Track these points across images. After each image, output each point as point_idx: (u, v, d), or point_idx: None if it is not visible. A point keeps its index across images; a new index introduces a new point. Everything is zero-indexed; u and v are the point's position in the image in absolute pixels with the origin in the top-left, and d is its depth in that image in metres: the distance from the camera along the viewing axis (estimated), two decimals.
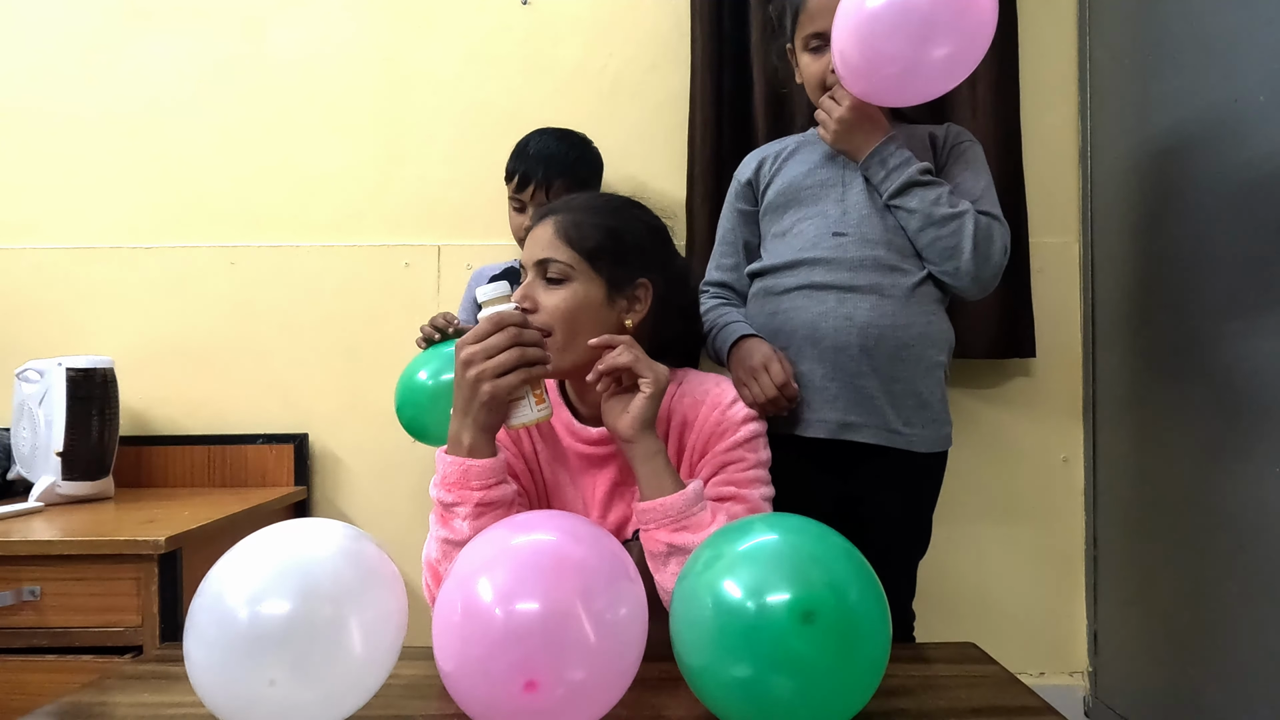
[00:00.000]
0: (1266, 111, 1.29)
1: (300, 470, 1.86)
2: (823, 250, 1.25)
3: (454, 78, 1.90)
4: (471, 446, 0.92)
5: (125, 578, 1.33)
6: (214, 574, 0.71)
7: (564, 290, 1.00)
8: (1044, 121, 1.85)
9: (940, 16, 1.08)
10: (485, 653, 0.65)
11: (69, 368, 1.65)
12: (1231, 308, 1.37)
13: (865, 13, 1.11)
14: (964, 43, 1.11)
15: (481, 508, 0.91)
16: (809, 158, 1.34)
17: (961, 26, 1.10)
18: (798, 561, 0.70)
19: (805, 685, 0.67)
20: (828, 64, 1.22)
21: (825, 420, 1.23)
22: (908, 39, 1.09)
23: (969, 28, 1.11)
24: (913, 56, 1.10)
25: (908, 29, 1.09)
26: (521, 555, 0.69)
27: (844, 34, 1.15)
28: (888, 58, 1.11)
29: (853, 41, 1.13)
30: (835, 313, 1.22)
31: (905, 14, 1.08)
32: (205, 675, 0.68)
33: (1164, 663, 1.59)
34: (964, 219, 1.19)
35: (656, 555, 0.93)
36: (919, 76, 1.14)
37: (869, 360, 1.21)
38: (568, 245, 1.01)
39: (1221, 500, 1.40)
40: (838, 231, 1.25)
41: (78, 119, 1.90)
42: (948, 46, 1.11)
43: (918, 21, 1.08)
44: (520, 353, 0.90)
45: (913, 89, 1.17)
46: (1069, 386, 1.87)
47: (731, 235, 1.43)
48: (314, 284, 1.89)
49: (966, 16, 1.10)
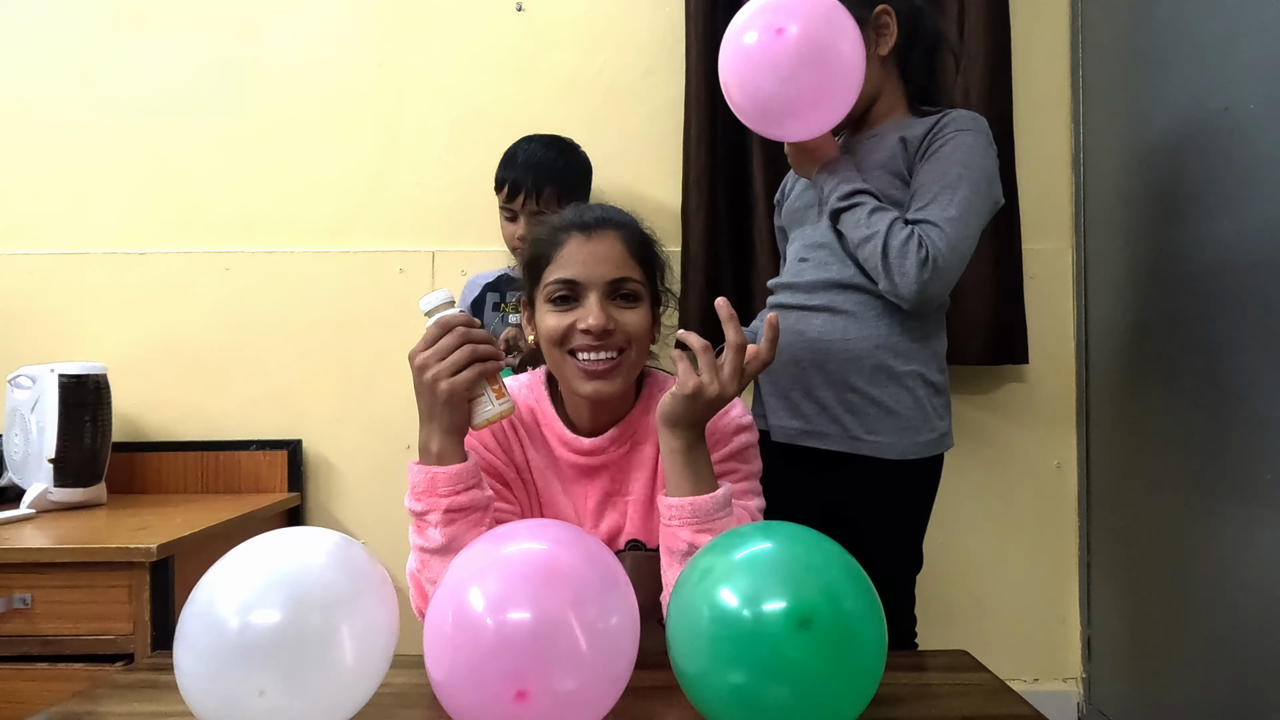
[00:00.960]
0: (1258, 118, 1.30)
1: (294, 476, 1.86)
2: (791, 275, 1.34)
3: (449, 84, 1.90)
4: (440, 453, 0.92)
5: (117, 585, 1.32)
6: (204, 583, 0.71)
7: (640, 310, 1.01)
8: (1037, 129, 1.86)
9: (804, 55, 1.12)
10: (476, 662, 0.65)
11: (61, 374, 1.64)
12: (1224, 314, 1.38)
13: (739, 51, 1.16)
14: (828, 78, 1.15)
15: (451, 514, 0.91)
16: (802, 179, 1.38)
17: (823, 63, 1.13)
18: (794, 569, 0.70)
19: (801, 692, 0.67)
20: None
21: (787, 427, 1.29)
22: (775, 77, 1.13)
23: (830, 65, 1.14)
24: (781, 94, 1.14)
25: (773, 68, 1.12)
26: (513, 564, 0.69)
27: (724, 72, 1.20)
28: (765, 95, 1.15)
29: (731, 80, 1.19)
30: (793, 329, 1.29)
31: (768, 54, 1.12)
32: (195, 685, 0.67)
33: (1157, 669, 1.59)
34: (874, 239, 1.19)
35: (675, 552, 0.92)
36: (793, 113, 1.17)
37: (821, 373, 1.26)
38: (637, 263, 1.01)
39: (1215, 506, 1.40)
40: (803, 257, 1.32)
41: (71, 123, 1.90)
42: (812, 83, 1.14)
43: (781, 61, 1.12)
44: (472, 349, 0.90)
45: (792, 125, 1.21)
46: (1062, 393, 1.88)
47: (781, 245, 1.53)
48: (308, 290, 1.89)
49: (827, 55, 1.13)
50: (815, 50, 1.11)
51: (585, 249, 0.99)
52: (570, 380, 1.00)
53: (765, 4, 1.15)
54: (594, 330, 0.96)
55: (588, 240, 1.00)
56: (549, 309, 1.00)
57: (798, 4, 1.13)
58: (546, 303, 1.00)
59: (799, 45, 1.11)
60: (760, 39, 1.13)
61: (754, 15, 1.15)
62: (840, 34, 1.13)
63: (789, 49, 1.11)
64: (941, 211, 1.18)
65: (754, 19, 1.15)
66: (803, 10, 1.12)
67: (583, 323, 0.97)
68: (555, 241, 1.01)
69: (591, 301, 0.97)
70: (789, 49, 1.11)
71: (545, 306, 1.00)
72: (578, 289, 0.99)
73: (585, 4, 1.89)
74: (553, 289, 0.99)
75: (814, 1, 1.14)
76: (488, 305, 1.64)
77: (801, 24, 1.11)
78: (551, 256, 1.01)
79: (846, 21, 1.15)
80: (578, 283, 0.98)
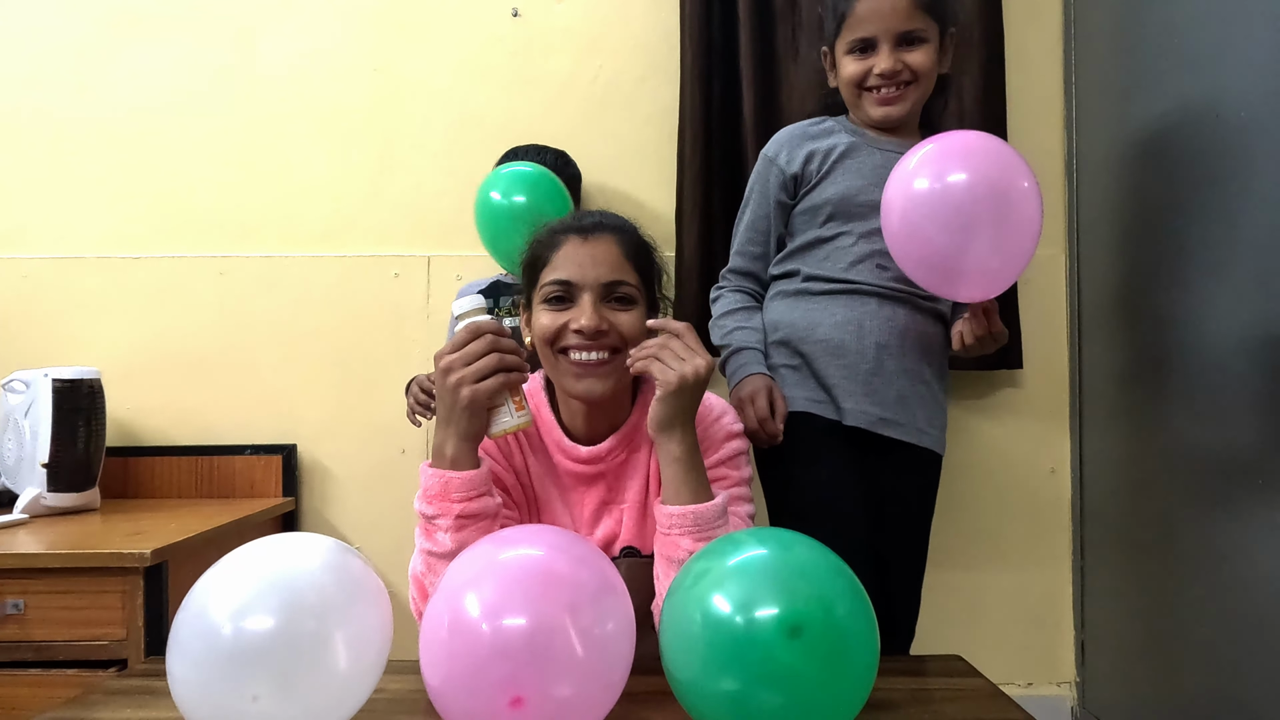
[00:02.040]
0: (1248, 125, 1.31)
1: (288, 481, 1.85)
2: (866, 275, 1.32)
3: (444, 89, 1.90)
4: (454, 458, 0.92)
5: (110, 591, 1.32)
6: (198, 589, 0.71)
7: (635, 313, 1.01)
8: (1030, 135, 1.87)
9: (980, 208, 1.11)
10: (472, 668, 0.65)
11: (55, 378, 1.64)
12: (1216, 319, 1.38)
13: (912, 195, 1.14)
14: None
15: (462, 520, 0.91)
16: (863, 167, 1.34)
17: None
18: (786, 576, 0.71)
19: (793, 699, 0.67)
20: (869, 67, 1.30)
21: (868, 412, 1.30)
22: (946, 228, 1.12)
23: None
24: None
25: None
26: (509, 570, 0.69)
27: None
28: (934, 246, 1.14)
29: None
30: (877, 314, 1.30)
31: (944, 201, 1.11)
32: (188, 692, 0.67)
33: (1151, 673, 1.59)
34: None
35: (674, 560, 0.92)
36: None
37: (903, 360, 1.30)
38: (633, 268, 1.02)
39: (1208, 510, 1.41)
40: (881, 264, 1.31)
41: (66, 127, 1.90)
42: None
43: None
44: (498, 358, 0.91)
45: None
46: (1056, 397, 1.88)
47: (764, 224, 1.41)
48: (303, 294, 1.89)
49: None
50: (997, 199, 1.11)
51: (581, 251, 1.00)
52: (563, 380, 1.01)
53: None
54: (586, 330, 0.97)
55: (584, 242, 1.01)
56: (544, 309, 1.01)
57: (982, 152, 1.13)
58: (542, 303, 1.01)
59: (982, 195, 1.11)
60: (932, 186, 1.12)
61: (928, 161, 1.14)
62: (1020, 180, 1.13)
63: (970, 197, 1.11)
64: None
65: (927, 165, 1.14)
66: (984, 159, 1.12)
67: (575, 323, 0.98)
68: (552, 244, 1.02)
69: (585, 302, 0.98)
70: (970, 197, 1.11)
71: (541, 307, 1.01)
72: (572, 290, 0.99)
73: (580, 10, 1.90)
74: (548, 290, 1.00)
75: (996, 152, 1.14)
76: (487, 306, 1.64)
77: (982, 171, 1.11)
78: (548, 258, 1.02)
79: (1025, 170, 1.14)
80: (572, 284, 0.99)
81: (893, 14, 1.27)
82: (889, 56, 1.28)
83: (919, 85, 1.30)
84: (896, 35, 1.27)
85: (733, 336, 1.36)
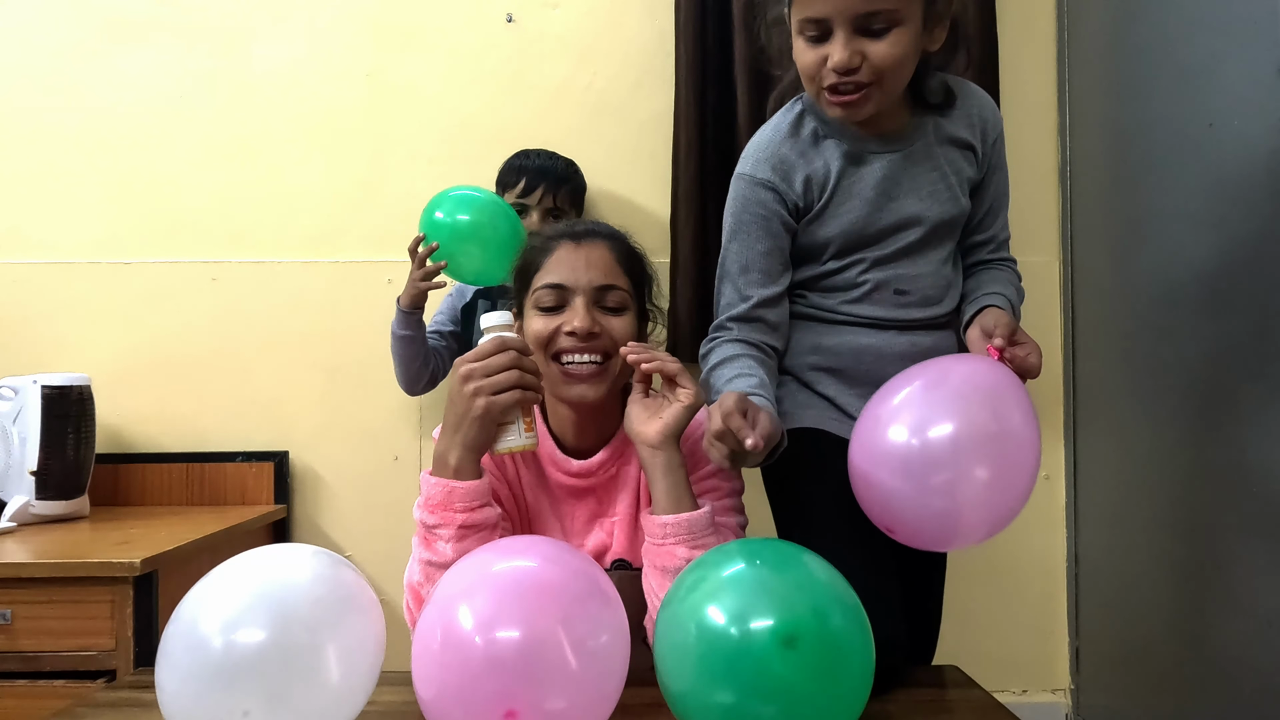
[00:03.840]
0: (1240, 135, 1.31)
1: (280, 488, 1.84)
2: (883, 308, 1.12)
3: (438, 94, 1.90)
4: (458, 467, 0.91)
5: (99, 600, 1.30)
6: (188, 601, 0.70)
7: (626, 319, 1.02)
8: (1024, 143, 1.88)
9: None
10: (465, 681, 0.64)
11: (44, 385, 1.62)
12: (1209, 326, 1.39)
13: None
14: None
15: (465, 530, 0.90)
16: (864, 189, 1.08)
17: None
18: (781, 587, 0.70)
19: (788, 711, 0.67)
20: (823, 57, 0.99)
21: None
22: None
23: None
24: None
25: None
26: (502, 582, 0.69)
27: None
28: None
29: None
30: (896, 341, 1.12)
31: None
32: (177, 706, 0.66)
33: (1145, 680, 1.59)
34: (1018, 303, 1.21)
35: (669, 570, 0.92)
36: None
37: None
38: (625, 273, 1.03)
39: (1202, 517, 1.41)
40: (900, 289, 1.11)
41: (57, 131, 1.89)
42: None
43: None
44: (519, 375, 0.91)
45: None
46: (1050, 405, 1.88)
47: (777, 258, 1.09)
48: (296, 300, 1.88)
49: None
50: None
51: (574, 255, 1.02)
52: (554, 385, 1.01)
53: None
54: (579, 332, 0.97)
55: (577, 247, 1.02)
56: (536, 314, 1.01)
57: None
58: (534, 309, 1.02)
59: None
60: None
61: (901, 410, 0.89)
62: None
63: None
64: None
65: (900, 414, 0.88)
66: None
67: (568, 325, 0.98)
68: (545, 249, 1.04)
69: (578, 305, 0.99)
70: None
71: (533, 312, 1.02)
72: (565, 294, 1.00)
73: (575, 16, 1.89)
74: (541, 295, 1.01)
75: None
76: (479, 311, 1.64)
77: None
78: (540, 264, 1.03)
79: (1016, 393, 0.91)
80: (565, 287, 1.00)
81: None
82: (844, 46, 0.96)
83: (883, 86, 1.00)
84: (854, 17, 0.96)
85: (735, 384, 1.02)
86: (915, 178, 1.10)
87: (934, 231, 1.12)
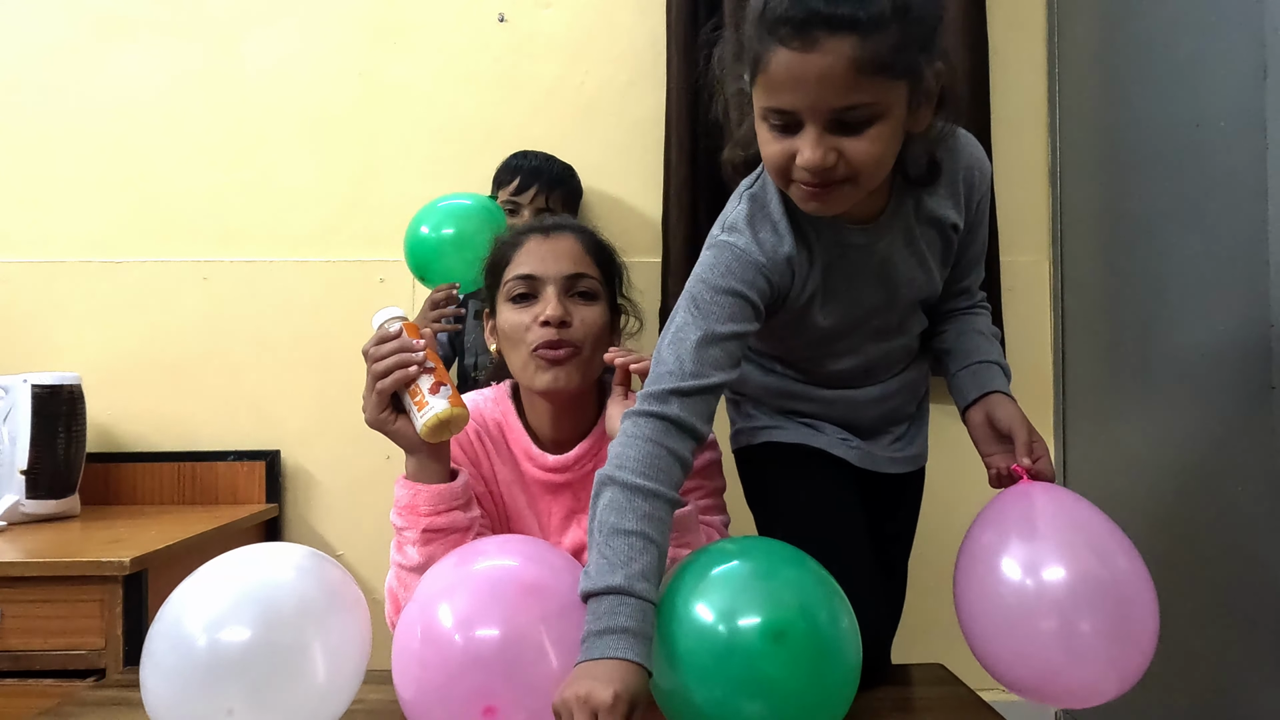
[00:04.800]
0: (1227, 135, 1.32)
1: (272, 487, 1.84)
2: (852, 376, 1.11)
3: (430, 94, 1.90)
4: (414, 471, 0.93)
5: (89, 599, 1.30)
6: (173, 600, 0.70)
7: (597, 308, 1.03)
8: (1014, 143, 1.88)
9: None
10: (444, 679, 0.65)
11: (35, 384, 1.62)
12: (1197, 324, 1.40)
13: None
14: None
15: (429, 534, 0.91)
16: (854, 276, 0.99)
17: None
18: (769, 584, 0.71)
19: (776, 707, 0.67)
20: (792, 152, 0.83)
21: (852, 451, 1.14)
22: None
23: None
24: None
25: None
26: (482, 580, 0.69)
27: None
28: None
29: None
30: (870, 390, 1.12)
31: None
32: (161, 704, 0.67)
33: None
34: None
35: None
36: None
37: (895, 413, 1.18)
38: (595, 263, 1.05)
39: (1191, 515, 1.42)
40: (869, 369, 1.10)
41: (48, 130, 1.88)
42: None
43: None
44: (400, 357, 0.89)
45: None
46: (1039, 403, 1.89)
47: (734, 345, 0.90)
48: (287, 299, 1.88)
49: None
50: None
51: (543, 246, 1.03)
52: (530, 376, 1.01)
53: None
54: (552, 320, 0.98)
55: (545, 239, 1.04)
56: (509, 307, 1.02)
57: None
58: (507, 301, 1.03)
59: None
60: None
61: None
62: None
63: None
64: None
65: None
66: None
67: (541, 316, 0.99)
68: (515, 244, 1.05)
69: (549, 294, 1.00)
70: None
71: (505, 306, 1.03)
72: (536, 284, 1.01)
73: (567, 15, 1.90)
74: (512, 286, 1.02)
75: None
76: (469, 312, 1.64)
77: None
78: (510, 257, 1.04)
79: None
80: (536, 277, 1.01)
81: (820, 84, 0.78)
82: (815, 144, 0.81)
83: (858, 183, 0.85)
84: (828, 113, 0.80)
85: (614, 576, 0.72)
86: (894, 267, 1.00)
87: (907, 315, 1.08)
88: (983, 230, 1.10)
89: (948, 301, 1.15)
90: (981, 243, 1.13)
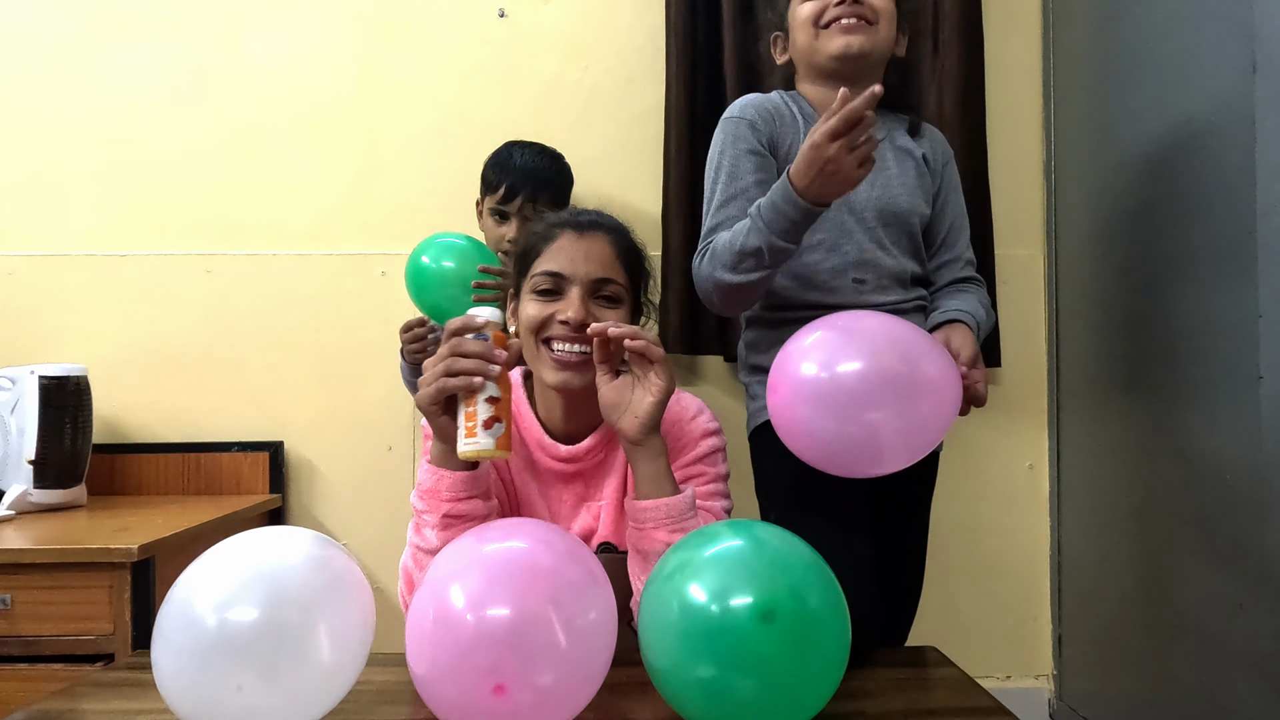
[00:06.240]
0: (1217, 130, 1.34)
1: (275, 478, 1.86)
2: (841, 295, 1.20)
3: (431, 89, 1.91)
4: (438, 457, 0.94)
5: (97, 586, 1.32)
6: (182, 581, 0.72)
7: (619, 312, 1.03)
8: (1009, 138, 1.90)
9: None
10: (456, 657, 0.66)
11: (41, 375, 1.64)
12: (1190, 319, 1.41)
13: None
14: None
15: (449, 519, 0.92)
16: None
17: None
18: (760, 565, 0.73)
19: (766, 685, 0.69)
20: (822, 5, 1.19)
21: None
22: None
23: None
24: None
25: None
26: (493, 562, 0.71)
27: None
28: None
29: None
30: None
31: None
32: (173, 682, 0.69)
33: (1127, 666, 1.62)
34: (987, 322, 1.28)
35: (650, 554, 0.93)
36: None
37: None
38: (624, 268, 1.04)
39: (1184, 506, 1.44)
40: (858, 278, 1.20)
41: (52, 125, 1.90)
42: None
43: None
44: (446, 364, 0.87)
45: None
46: (1034, 395, 1.91)
47: (756, 192, 1.17)
48: (290, 292, 1.90)
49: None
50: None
51: (575, 245, 1.02)
52: (541, 370, 1.02)
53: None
54: (571, 323, 0.98)
55: (579, 238, 1.03)
56: (532, 299, 1.02)
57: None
58: (531, 293, 1.03)
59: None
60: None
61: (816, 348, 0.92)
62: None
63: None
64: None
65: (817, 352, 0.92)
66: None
67: (562, 314, 0.99)
68: (548, 236, 1.05)
69: (574, 295, 1.00)
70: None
71: (529, 297, 1.03)
72: (562, 282, 1.01)
73: (567, 11, 1.91)
74: (538, 280, 1.02)
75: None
76: None
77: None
78: (541, 250, 1.04)
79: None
80: (563, 276, 1.01)
81: None
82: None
83: (878, 29, 1.19)
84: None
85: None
86: (886, 167, 1.23)
87: (895, 229, 1.23)
88: (957, 198, 1.32)
89: (943, 271, 1.30)
90: (959, 211, 1.30)
